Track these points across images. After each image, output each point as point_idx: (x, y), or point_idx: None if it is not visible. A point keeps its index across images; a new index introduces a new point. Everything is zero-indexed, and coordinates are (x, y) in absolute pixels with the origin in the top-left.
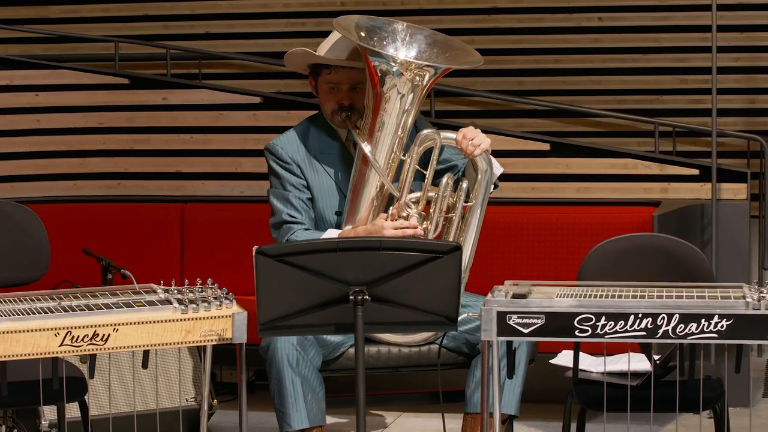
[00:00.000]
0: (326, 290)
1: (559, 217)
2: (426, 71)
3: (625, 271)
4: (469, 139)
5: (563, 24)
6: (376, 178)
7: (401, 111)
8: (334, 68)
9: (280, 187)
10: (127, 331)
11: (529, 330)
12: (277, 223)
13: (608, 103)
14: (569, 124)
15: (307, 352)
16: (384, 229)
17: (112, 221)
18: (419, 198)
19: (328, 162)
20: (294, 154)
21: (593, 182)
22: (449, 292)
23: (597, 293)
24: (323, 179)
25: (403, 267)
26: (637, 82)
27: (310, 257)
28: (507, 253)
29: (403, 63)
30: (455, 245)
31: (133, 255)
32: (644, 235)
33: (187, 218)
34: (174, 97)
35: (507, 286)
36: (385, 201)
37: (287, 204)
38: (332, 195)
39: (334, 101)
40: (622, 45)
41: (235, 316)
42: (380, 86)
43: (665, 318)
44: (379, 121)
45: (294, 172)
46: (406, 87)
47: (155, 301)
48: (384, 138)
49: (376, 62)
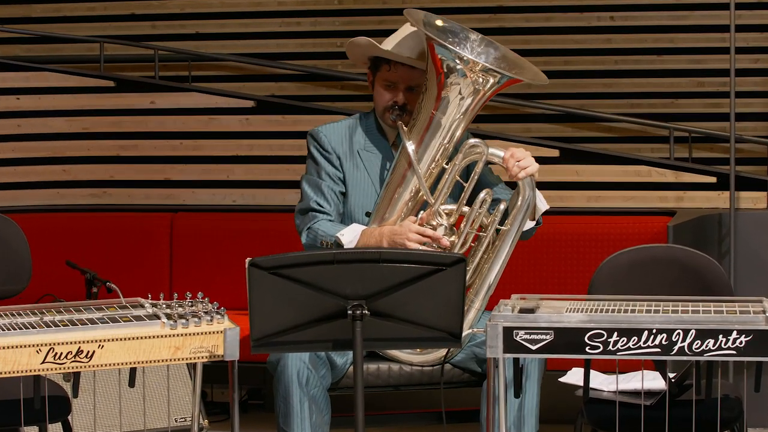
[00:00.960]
0: (323, 304)
1: (568, 228)
2: (490, 76)
3: (639, 285)
4: (517, 160)
5: (573, 23)
6: (414, 181)
7: (456, 116)
8: (395, 65)
9: (315, 174)
10: (112, 348)
11: (537, 346)
12: (303, 209)
13: (621, 107)
14: (579, 129)
15: (319, 371)
16: (410, 231)
17: (97, 232)
18: (453, 211)
19: (371, 160)
20: (337, 144)
21: (605, 190)
22: (453, 307)
23: (608, 308)
24: (362, 176)
25: (405, 280)
26: (652, 85)
27: (306, 270)
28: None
29: (469, 62)
30: (459, 257)
31: (120, 267)
32: (658, 247)
33: (177, 228)
34: (162, 100)
35: (514, 300)
36: (418, 208)
37: (318, 192)
38: (367, 194)
39: (389, 98)
40: (636, 46)
41: (227, 331)
42: (443, 82)
43: (681, 334)
44: (433, 121)
45: (333, 162)
46: (467, 89)
47: (143, 315)
48: (431, 141)
49: (443, 56)
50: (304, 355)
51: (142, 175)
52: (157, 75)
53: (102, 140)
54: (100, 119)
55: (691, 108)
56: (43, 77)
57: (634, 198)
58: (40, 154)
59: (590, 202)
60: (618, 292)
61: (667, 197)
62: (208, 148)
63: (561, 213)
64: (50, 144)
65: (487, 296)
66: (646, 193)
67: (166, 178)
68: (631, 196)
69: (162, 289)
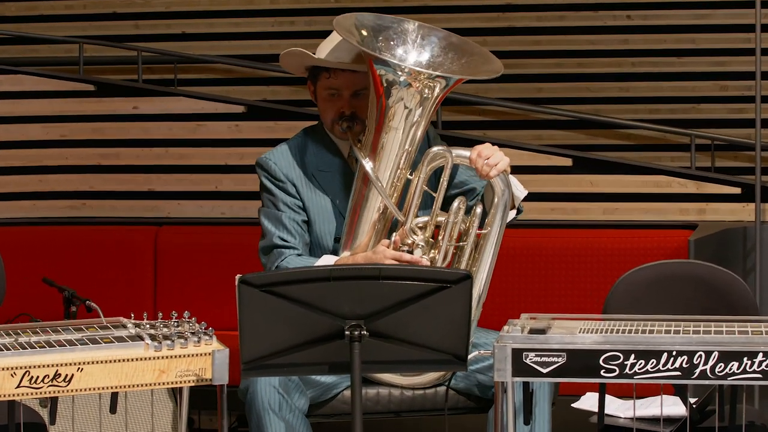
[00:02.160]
0: (319, 325)
1: (582, 242)
2: (437, 82)
3: (657, 303)
4: (485, 158)
5: (588, 23)
6: (378, 199)
7: (408, 125)
8: (334, 72)
9: (272, 207)
10: (92, 371)
11: (549, 370)
12: (266, 247)
13: (638, 113)
14: (594, 137)
15: (291, 396)
16: (385, 258)
17: (75, 246)
18: (427, 223)
19: (328, 181)
20: (289, 170)
21: (621, 202)
22: (458, 327)
23: (625, 328)
24: (321, 200)
25: (406, 298)
26: (672, 89)
27: (301, 287)
28: (523, 283)
29: (411, 72)
30: (465, 273)
31: (100, 285)
32: (679, 262)
33: (161, 243)
34: (146, 105)
35: (523, 320)
36: (389, 226)
37: (279, 226)
38: (331, 218)
39: (334, 109)
40: (654, 47)
41: (216, 353)
42: (385, 98)
43: (702, 356)
44: (383, 136)
45: (288, 191)
46: (414, 100)
47: (125, 336)
48: (388, 154)
49: (382, 71)
50: (274, 379)
51: (125, 185)
52: (140, 78)
53: (81, 148)
54: (80, 126)
55: (714, 113)
56: (18, 80)
57: (652, 210)
58: (14, 163)
59: (606, 215)
60: (635, 312)
61: (689, 209)
62: (195, 157)
63: (574, 226)
64: (25, 152)
65: (479, 306)
66: (665, 205)
67: (150, 189)
68: (650, 208)
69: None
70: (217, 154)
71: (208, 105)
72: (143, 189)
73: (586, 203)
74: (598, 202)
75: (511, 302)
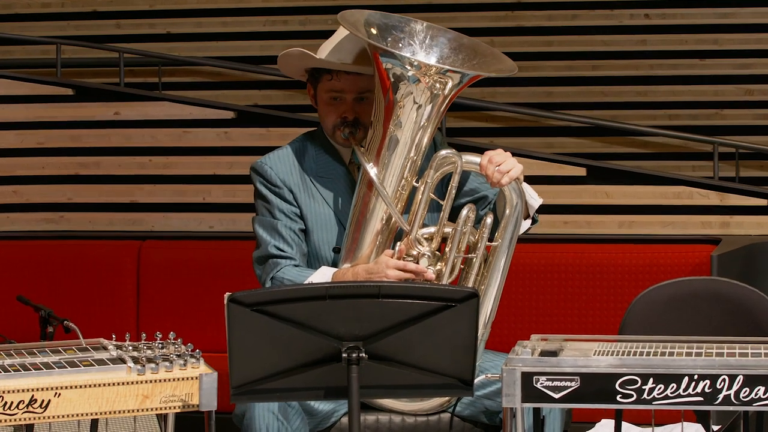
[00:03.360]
0: (314, 346)
1: (596, 258)
2: (449, 78)
3: (678, 324)
4: (496, 165)
5: (602, 22)
6: (382, 207)
7: (416, 126)
8: (336, 74)
9: (267, 215)
10: (71, 397)
11: (561, 395)
12: (261, 257)
13: (657, 119)
14: (609, 144)
15: (291, 422)
16: (387, 268)
17: (52, 262)
18: (433, 234)
19: (328, 188)
20: (286, 176)
21: (638, 215)
22: (464, 349)
23: (643, 350)
24: (321, 208)
25: (408, 318)
26: (693, 93)
27: (295, 306)
28: (533, 302)
29: (421, 66)
30: (471, 291)
31: (79, 304)
32: (701, 280)
33: (145, 259)
34: (129, 111)
35: (534, 341)
36: (393, 236)
37: (275, 234)
38: (330, 227)
39: (336, 114)
40: (674, 48)
41: (203, 377)
42: (392, 93)
43: (726, 380)
44: (388, 137)
45: (285, 197)
46: (423, 96)
47: (105, 359)
48: (394, 159)
49: (389, 64)
50: (272, 404)
51: (105, 197)
52: (122, 81)
53: (59, 157)
54: (57, 132)
55: (739, 119)
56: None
57: (672, 223)
58: None
59: (622, 228)
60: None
61: (711, 222)
62: (181, 166)
63: (588, 240)
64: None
65: (488, 325)
66: (686, 218)
67: (132, 201)
68: (670, 221)
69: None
70: (205, 163)
71: (195, 110)
72: (125, 201)
73: (601, 216)
74: (613, 214)
75: (521, 322)
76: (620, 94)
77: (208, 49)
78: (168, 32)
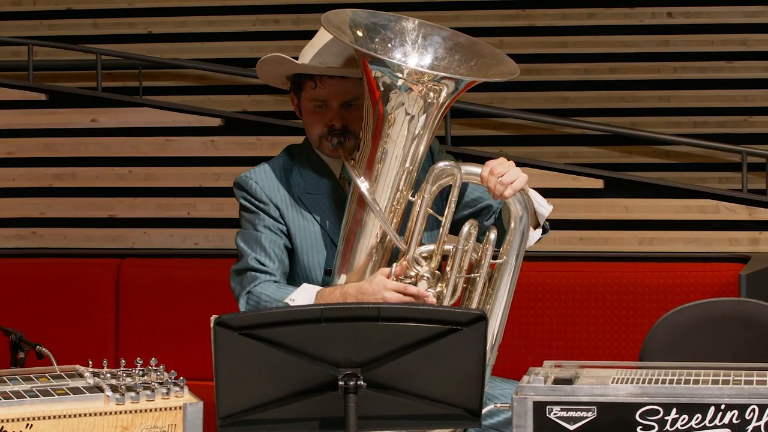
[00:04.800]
0: (308, 374)
1: (614, 277)
2: (444, 85)
3: (703, 348)
4: (498, 176)
5: (621, 21)
6: (375, 224)
7: (410, 137)
8: (320, 79)
9: (251, 228)
10: (44, 428)
11: (577, 426)
12: (239, 269)
13: (680, 126)
14: (629, 154)
15: None
16: (385, 290)
17: (24, 282)
18: (432, 252)
19: (316, 205)
20: (272, 192)
21: (660, 230)
22: (470, 377)
23: (666, 377)
24: (309, 227)
25: (410, 343)
26: (720, 99)
27: (287, 330)
28: (546, 325)
29: (412, 74)
30: (479, 314)
31: (53, 327)
32: (728, 301)
33: (125, 278)
34: (107, 117)
35: (547, 368)
36: (388, 255)
37: (256, 247)
38: (320, 248)
39: (322, 123)
40: (700, 49)
41: (188, 407)
42: (382, 104)
43: (756, 410)
44: (380, 150)
45: (271, 213)
46: (416, 106)
47: (82, 388)
48: (386, 172)
49: (378, 72)
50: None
51: (81, 211)
52: (99, 86)
53: (31, 167)
54: (29, 141)
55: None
56: None
57: (697, 240)
58: None
59: (642, 245)
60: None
61: (739, 239)
62: (163, 178)
63: (606, 258)
64: None
65: (495, 348)
66: (712, 234)
67: (111, 215)
68: (694, 237)
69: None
70: (190, 175)
71: (179, 117)
72: (103, 215)
73: (620, 232)
74: (633, 230)
75: (533, 347)
76: (641, 100)
77: (192, 50)
78: (149, 32)
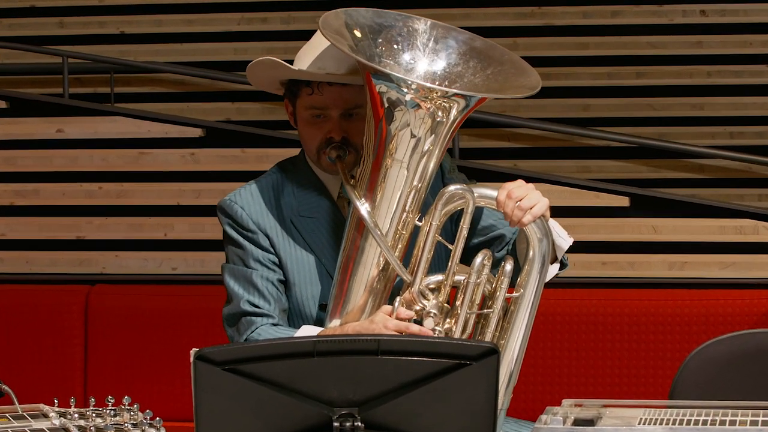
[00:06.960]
0: (299, 414)
1: (641, 306)
2: (454, 102)
3: (739, 385)
4: (517, 200)
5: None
6: (376, 252)
7: (418, 154)
8: (318, 86)
9: (239, 263)
10: None
11: None
12: (232, 315)
13: (716, 137)
14: (658, 169)
15: None
16: (386, 329)
17: None
18: (441, 284)
19: (311, 230)
20: (261, 217)
21: (693, 254)
22: (481, 417)
23: (698, 417)
24: (303, 256)
25: (413, 379)
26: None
27: (276, 364)
28: (565, 359)
29: (420, 89)
30: (490, 347)
31: (15, 361)
32: (767, 332)
33: (94, 307)
34: (74, 127)
35: (566, 407)
36: (391, 288)
37: (249, 287)
38: (315, 279)
39: (320, 134)
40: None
41: None
42: (386, 124)
43: None
44: (382, 172)
45: (260, 243)
46: (423, 126)
47: (46, 429)
48: (390, 194)
49: (383, 87)
50: None
51: (46, 232)
52: (66, 92)
53: None
54: None
55: None
56: None
57: (734, 264)
58: None
59: (672, 270)
60: (711, 396)
61: None
62: (137, 195)
63: (631, 285)
64: None
65: (509, 390)
66: (751, 258)
67: (79, 237)
68: (730, 261)
69: (73, 392)
70: (167, 191)
71: (155, 127)
72: (70, 236)
73: (648, 255)
74: (662, 253)
75: (550, 384)
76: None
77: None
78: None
